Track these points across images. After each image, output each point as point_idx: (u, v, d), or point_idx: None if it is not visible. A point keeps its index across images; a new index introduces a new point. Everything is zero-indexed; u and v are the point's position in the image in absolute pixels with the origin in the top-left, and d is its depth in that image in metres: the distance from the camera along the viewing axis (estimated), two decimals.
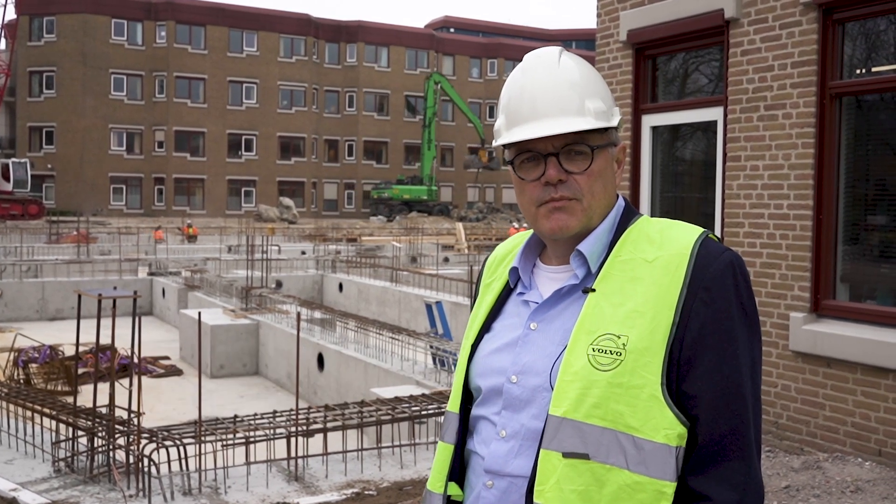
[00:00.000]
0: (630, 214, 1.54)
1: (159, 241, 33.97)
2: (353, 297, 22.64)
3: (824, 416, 5.50)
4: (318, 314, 15.26)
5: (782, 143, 5.78)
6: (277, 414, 7.89)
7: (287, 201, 52.72)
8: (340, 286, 23.57)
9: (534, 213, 1.51)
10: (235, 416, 7.73)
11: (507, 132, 1.51)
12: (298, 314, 9.13)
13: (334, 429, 7.52)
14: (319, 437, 7.49)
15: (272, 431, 7.41)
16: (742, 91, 6.06)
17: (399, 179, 58.28)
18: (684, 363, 1.38)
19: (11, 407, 8.13)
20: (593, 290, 1.45)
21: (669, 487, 1.36)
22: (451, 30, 70.95)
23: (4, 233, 34.06)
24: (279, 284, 22.84)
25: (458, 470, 1.57)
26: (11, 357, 13.54)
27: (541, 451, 1.40)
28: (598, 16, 7.46)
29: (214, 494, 6.53)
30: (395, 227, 45.85)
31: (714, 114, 6.44)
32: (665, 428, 1.36)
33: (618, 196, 1.56)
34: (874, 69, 5.63)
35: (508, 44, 66.51)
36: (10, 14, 75.92)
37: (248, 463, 6.96)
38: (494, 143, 1.56)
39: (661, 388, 1.36)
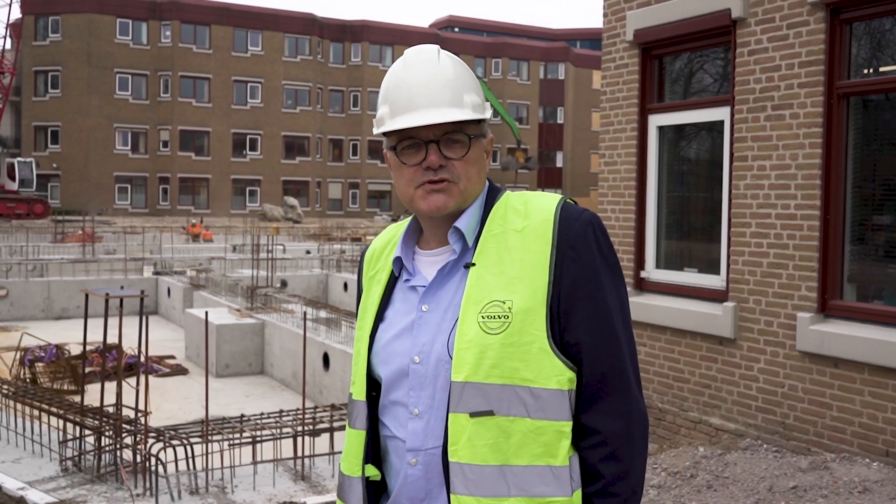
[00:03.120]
0: (495, 192, 1.68)
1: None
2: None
3: (831, 417, 5.50)
4: (323, 313, 15.28)
5: (789, 143, 5.77)
6: (284, 413, 7.91)
7: (292, 201, 52.74)
8: (345, 285, 23.58)
9: (412, 193, 1.63)
10: (242, 416, 7.74)
11: (392, 120, 1.62)
12: (304, 313, 9.15)
13: (340, 428, 7.54)
14: (326, 436, 7.51)
15: (279, 431, 7.43)
16: (749, 91, 6.05)
17: None
18: (563, 315, 1.54)
19: (18, 406, 8.15)
20: (474, 265, 1.58)
21: (567, 426, 1.54)
22: (456, 29, 70.92)
23: (10, 232, 34.10)
24: (284, 284, 22.85)
25: (372, 454, 1.65)
26: (18, 356, 13.57)
27: (449, 415, 1.52)
28: (605, 15, 7.46)
29: (221, 493, 6.54)
30: None
31: (721, 114, 6.43)
32: (556, 375, 1.53)
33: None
34: (881, 69, 5.62)
35: (513, 43, 66.46)
36: (16, 13, 76.15)
37: (254, 462, 6.98)
38: (376, 131, 1.67)
39: (548, 340, 1.52)
